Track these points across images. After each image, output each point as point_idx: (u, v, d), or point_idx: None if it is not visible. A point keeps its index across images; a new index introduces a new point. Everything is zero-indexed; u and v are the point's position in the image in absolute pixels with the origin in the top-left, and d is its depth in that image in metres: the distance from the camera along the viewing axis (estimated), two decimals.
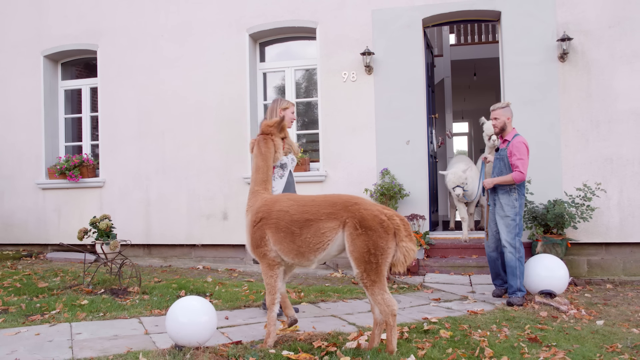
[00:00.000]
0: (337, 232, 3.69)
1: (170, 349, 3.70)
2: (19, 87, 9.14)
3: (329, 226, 3.70)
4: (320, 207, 3.78)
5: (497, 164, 5.58)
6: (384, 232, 3.58)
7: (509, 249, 5.40)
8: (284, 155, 4.90)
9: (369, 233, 3.56)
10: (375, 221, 3.59)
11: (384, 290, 3.61)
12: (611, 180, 6.94)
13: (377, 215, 3.61)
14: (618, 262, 7.00)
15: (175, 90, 8.43)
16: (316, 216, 3.75)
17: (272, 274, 3.97)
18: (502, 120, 5.55)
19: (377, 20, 7.70)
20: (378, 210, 3.66)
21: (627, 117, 6.92)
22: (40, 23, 9.08)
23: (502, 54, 7.47)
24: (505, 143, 5.56)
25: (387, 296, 3.62)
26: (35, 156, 9.03)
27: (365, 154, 7.67)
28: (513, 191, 5.46)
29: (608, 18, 7.02)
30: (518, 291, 5.35)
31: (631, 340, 4.08)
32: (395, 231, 3.61)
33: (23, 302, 5.27)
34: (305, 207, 3.84)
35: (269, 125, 4.29)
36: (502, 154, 5.53)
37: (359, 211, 3.63)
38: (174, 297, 5.55)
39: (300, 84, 8.70)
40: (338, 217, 3.68)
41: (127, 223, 8.33)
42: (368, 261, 3.56)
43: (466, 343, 4.00)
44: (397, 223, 3.64)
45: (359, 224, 3.59)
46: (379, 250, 3.56)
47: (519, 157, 5.35)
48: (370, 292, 3.62)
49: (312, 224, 3.75)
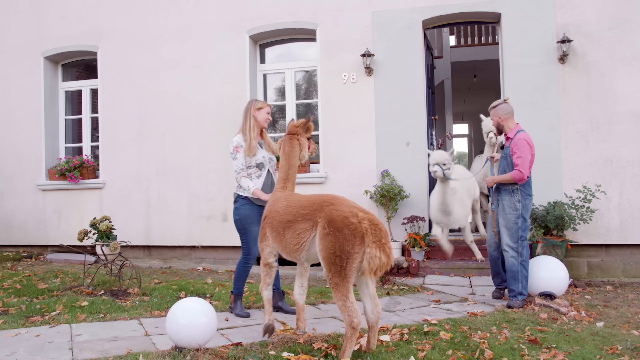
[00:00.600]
0: (311, 232, 3.71)
1: (170, 350, 3.70)
2: (19, 88, 9.14)
3: (303, 227, 3.75)
4: (299, 208, 3.83)
5: (502, 163, 5.41)
6: (350, 235, 3.45)
7: (510, 252, 5.24)
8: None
9: (336, 234, 3.48)
10: (343, 223, 3.49)
11: (347, 297, 3.46)
12: (611, 182, 6.94)
13: (347, 217, 3.50)
14: (618, 264, 7.00)
15: (175, 92, 8.43)
16: (295, 217, 3.82)
17: (264, 270, 4.31)
18: (495, 121, 5.43)
19: (377, 21, 7.71)
20: (350, 212, 3.54)
21: (627, 118, 6.93)
22: (41, 24, 9.09)
23: (502, 55, 7.48)
24: (509, 141, 5.35)
25: (349, 304, 3.46)
26: (35, 157, 9.03)
27: (366, 155, 7.68)
28: (515, 191, 5.24)
29: (608, 20, 7.03)
30: (519, 295, 5.22)
31: (631, 342, 4.08)
32: (364, 235, 3.46)
33: (23, 304, 5.27)
34: (290, 207, 3.91)
35: (296, 126, 4.44)
36: (506, 152, 5.34)
37: (330, 211, 3.58)
38: (174, 299, 5.55)
39: (301, 85, 8.71)
40: (312, 217, 3.70)
41: (127, 224, 8.33)
42: (333, 263, 3.47)
43: (466, 345, 4.00)
44: (365, 227, 3.47)
45: (327, 224, 3.54)
46: (344, 253, 3.44)
47: (519, 155, 5.14)
48: (334, 296, 3.51)
49: (291, 225, 3.83)
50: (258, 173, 5.01)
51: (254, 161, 4.99)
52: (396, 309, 5.32)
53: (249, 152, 4.94)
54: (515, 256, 5.21)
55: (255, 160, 4.99)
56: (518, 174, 5.14)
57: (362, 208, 3.68)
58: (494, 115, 5.41)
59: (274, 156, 5.18)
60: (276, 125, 8.86)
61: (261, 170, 5.03)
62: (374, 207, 7.53)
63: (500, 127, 5.40)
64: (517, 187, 5.24)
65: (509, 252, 5.25)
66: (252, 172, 5.00)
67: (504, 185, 5.31)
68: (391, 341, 4.04)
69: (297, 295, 4.33)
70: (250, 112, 5.07)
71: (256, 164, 5.00)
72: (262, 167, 5.03)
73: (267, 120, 5.15)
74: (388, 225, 7.39)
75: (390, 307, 5.37)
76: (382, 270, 3.47)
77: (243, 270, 5.05)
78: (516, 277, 5.23)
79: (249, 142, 4.95)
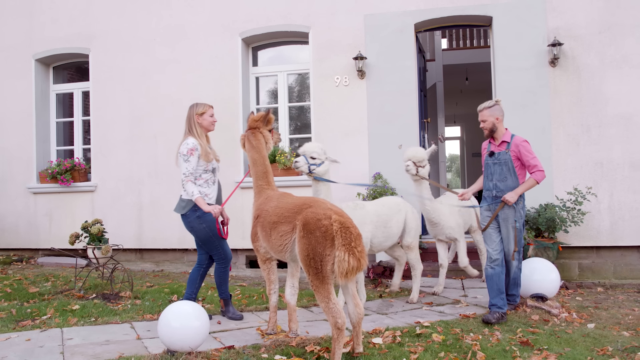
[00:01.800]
0: (291, 235, 3.79)
1: (162, 354, 3.69)
2: (10, 90, 9.09)
3: (284, 229, 3.83)
4: (284, 210, 3.89)
5: (498, 170, 4.96)
6: (322, 237, 3.47)
7: (515, 264, 5.06)
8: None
9: (309, 237, 3.52)
10: (315, 225, 3.51)
11: (329, 299, 3.48)
12: (602, 184, 7.00)
13: (320, 220, 3.52)
14: (609, 266, 7.04)
15: (167, 94, 8.41)
16: (279, 219, 3.89)
17: (264, 267, 4.34)
18: (490, 122, 4.97)
19: (370, 25, 7.74)
20: (323, 214, 3.54)
21: (617, 121, 6.99)
22: (32, 26, 9.04)
23: (494, 58, 7.52)
24: (504, 145, 4.97)
25: (331, 305, 3.47)
26: (26, 160, 8.98)
27: (358, 158, 7.69)
28: (519, 198, 4.95)
29: (598, 23, 7.09)
30: (518, 297, 5.23)
31: (622, 343, 4.11)
32: (334, 238, 3.46)
33: (14, 308, 5.24)
34: (277, 209, 3.98)
35: (255, 120, 4.56)
36: (503, 157, 4.94)
37: (306, 214, 3.63)
38: (166, 302, 5.53)
39: (293, 88, 8.71)
40: (292, 220, 3.77)
41: (119, 227, 8.30)
42: (310, 265, 3.51)
43: (458, 347, 4.01)
44: (336, 229, 3.47)
45: (303, 227, 3.59)
46: (318, 255, 3.47)
47: (533, 156, 4.84)
48: (317, 298, 3.55)
49: (276, 227, 3.91)
50: (213, 178, 4.86)
51: (210, 166, 4.81)
52: (389, 311, 5.33)
53: (207, 157, 4.74)
54: (518, 265, 5.09)
55: (211, 165, 4.81)
56: (541, 174, 4.82)
57: (340, 210, 3.66)
58: (489, 116, 4.96)
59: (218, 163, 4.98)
60: None
61: (214, 175, 4.88)
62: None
63: (495, 129, 4.97)
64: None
65: (514, 261, 5.04)
66: (207, 177, 4.81)
67: (504, 193, 4.92)
68: (384, 344, 4.05)
69: (289, 296, 4.34)
70: (193, 118, 4.83)
71: (212, 168, 4.84)
72: (215, 171, 4.89)
73: (213, 123, 4.93)
74: None
75: (383, 310, 5.38)
76: (352, 273, 3.43)
77: (223, 274, 4.94)
78: (517, 283, 5.18)
79: (204, 147, 4.76)
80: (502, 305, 4.86)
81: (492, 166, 5.02)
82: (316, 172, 4.81)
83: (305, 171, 4.83)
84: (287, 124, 8.41)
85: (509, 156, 4.90)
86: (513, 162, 4.89)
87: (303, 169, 4.79)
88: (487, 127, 5.00)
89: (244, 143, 4.60)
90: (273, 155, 7.92)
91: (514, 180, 4.91)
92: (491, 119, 4.96)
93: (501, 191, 4.94)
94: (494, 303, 4.87)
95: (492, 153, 5.02)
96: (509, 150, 4.91)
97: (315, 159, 4.83)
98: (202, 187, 4.79)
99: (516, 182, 4.91)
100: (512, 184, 4.92)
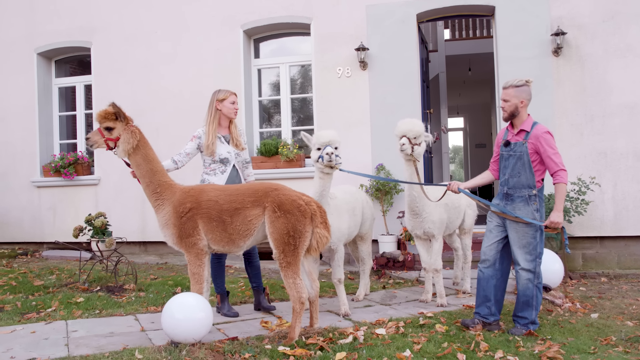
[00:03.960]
0: (261, 218, 3.94)
1: (166, 345, 3.70)
2: (13, 84, 9.09)
3: (254, 213, 3.94)
4: (245, 196, 4.00)
5: (512, 163, 4.16)
6: (301, 215, 3.82)
7: (525, 275, 4.14)
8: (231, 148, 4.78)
9: (288, 216, 3.81)
10: (293, 205, 3.84)
11: (297, 275, 3.83)
12: (605, 174, 6.97)
13: (295, 200, 3.87)
14: (612, 256, 7.03)
15: (169, 87, 8.41)
16: (243, 204, 3.97)
17: (199, 263, 4.07)
18: (513, 104, 4.14)
19: (371, 15, 7.70)
20: (296, 196, 3.92)
21: (621, 111, 6.95)
22: (33, 20, 9.03)
23: (497, 48, 7.48)
24: (522, 135, 4.14)
25: (298, 281, 3.83)
26: (29, 154, 9.00)
27: (360, 149, 7.67)
28: (533, 199, 4.11)
29: (602, 12, 7.04)
30: (531, 324, 4.15)
31: (625, 333, 4.11)
32: (312, 216, 3.87)
33: (19, 301, 5.27)
34: (232, 196, 4.03)
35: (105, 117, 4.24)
36: (519, 150, 4.13)
37: (277, 196, 3.90)
38: (170, 294, 5.54)
39: (295, 80, 8.69)
40: (260, 203, 3.93)
41: (123, 220, 8.31)
42: (287, 242, 3.79)
43: (462, 337, 4.02)
44: (314, 209, 3.90)
45: (278, 208, 3.84)
46: (297, 233, 3.80)
47: (555, 151, 4.05)
48: (284, 274, 3.84)
49: (240, 212, 3.96)
50: (222, 168, 4.79)
51: (217, 156, 4.75)
52: (392, 302, 5.34)
53: (207, 149, 4.71)
54: (532, 278, 4.13)
55: (219, 156, 4.75)
56: (565, 175, 4.01)
57: (300, 192, 4.01)
58: (514, 97, 4.13)
59: (242, 151, 4.91)
60: (272, 120, 8.85)
61: (226, 165, 4.79)
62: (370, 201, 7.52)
63: (516, 113, 4.16)
64: (535, 192, 4.13)
65: (524, 274, 4.15)
66: (215, 167, 4.79)
67: (517, 190, 4.16)
68: (387, 334, 4.05)
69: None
70: (213, 104, 4.82)
71: (220, 159, 4.77)
72: (226, 162, 4.79)
73: (235, 111, 4.85)
74: (383, 218, 7.40)
75: (386, 301, 5.39)
76: (323, 247, 3.94)
77: (218, 267, 4.84)
78: (530, 304, 4.15)
79: (208, 136, 4.71)
80: (488, 315, 4.24)
81: (507, 158, 4.22)
82: (340, 164, 4.53)
83: (408, 153, 4.62)
84: (290, 116, 8.39)
85: (526, 148, 4.09)
86: (530, 155, 4.08)
87: (405, 143, 4.54)
88: (507, 110, 4.17)
89: (137, 139, 4.27)
90: (276, 147, 7.91)
91: (529, 177, 4.10)
92: (515, 100, 4.13)
93: (512, 188, 4.16)
94: (478, 312, 4.29)
95: (508, 143, 4.22)
96: (527, 142, 4.09)
97: (338, 148, 4.51)
98: (209, 175, 4.80)
99: (531, 180, 4.10)
100: (526, 181, 4.11)
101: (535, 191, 4.11)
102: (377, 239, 7.34)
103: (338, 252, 4.84)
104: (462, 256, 5.84)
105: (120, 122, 4.20)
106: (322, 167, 4.49)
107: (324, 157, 4.45)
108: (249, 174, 5.07)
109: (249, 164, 5.07)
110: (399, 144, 4.74)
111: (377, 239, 7.30)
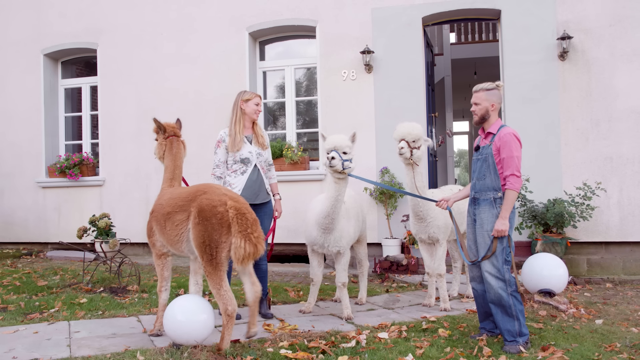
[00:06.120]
0: (187, 223, 3.72)
1: (168, 347, 3.70)
2: (19, 85, 9.14)
3: (179, 218, 3.76)
4: (178, 200, 3.84)
5: (478, 166, 4.08)
6: (217, 224, 3.50)
7: (495, 282, 3.92)
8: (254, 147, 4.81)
9: (205, 224, 3.54)
10: (211, 212, 3.54)
11: (220, 285, 3.55)
12: (611, 179, 6.93)
13: (215, 206, 3.54)
14: (618, 261, 6.98)
15: (175, 88, 8.42)
16: (173, 209, 3.84)
17: (159, 263, 4.18)
18: (483, 107, 4.06)
19: (377, 18, 7.69)
20: (219, 200, 3.57)
21: (628, 115, 6.91)
22: (40, 21, 9.08)
23: (502, 52, 7.46)
24: (489, 137, 4.06)
25: (223, 292, 3.54)
26: (35, 154, 9.03)
27: (365, 153, 7.65)
28: (498, 202, 3.96)
29: (608, 16, 7.01)
30: (519, 336, 3.88)
31: (630, 340, 4.07)
32: (230, 225, 3.51)
33: (22, 301, 5.28)
34: (171, 199, 3.93)
35: (173, 127, 4.57)
36: (485, 152, 4.03)
37: (201, 201, 3.63)
38: (172, 296, 5.53)
39: (301, 82, 8.69)
40: (187, 208, 3.73)
41: (127, 221, 8.32)
42: (205, 252, 3.55)
43: (464, 342, 4.00)
44: (231, 216, 3.51)
45: (198, 214, 3.59)
46: (213, 242, 3.51)
47: (511, 154, 3.89)
48: (209, 284, 3.60)
49: (170, 217, 3.84)
50: (243, 169, 4.80)
51: (238, 156, 4.77)
52: (395, 306, 5.32)
53: (233, 147, 4.75)
54: (503, 286, 3.91)
55: (239, 155, 4.77)
56: (517, 181, 3.89)
57: (235, 196, 3.70)
58: (484, 100, 4.06)
59: (264, 151, 4.93)
60: (277, 122, 8.85)
61: (246, 165, 4.80)
62: (374, 204, 7.52)
63: (487, 116, 4.07)
64: (500, 195, 3.96)
65: (493, 281, 3.93)
66: (236, 167, 4.80)
67: (483, 193, 4.02)
68: (390, 338, 4.04)
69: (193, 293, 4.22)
70: (237, 104, 4.86)
71: (241, 159, 4.78)
72: (247, 162, 4.80)
73: (257, 112, 4.90)
74: (387, 222, 7.38)
75: (389, 305, 5.37)
76: (248, 259, 3.48)
77: None
78: (510, 313, 3.91)
79: (234, 136, 4.76)
80: (493, 328, 4.16)
81: (475, 162, 4.15)
82: (350, 169, 4.47)
83: (408, 157, 4.59)
84: (295, 119, 8.39)
85: (491, 150, 3.99)
86: (494, 157, 3.97)
87: (338, 167, 4.37)
88: (478, 113, 4.09)
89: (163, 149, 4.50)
90: (280, 150, 7.91)
91: (494, 180, 3.96)
92: (486, 103, 4.06)
93: (478, 192, 4.05)
94: (483, 326, 4.20)
95: (478, 147, 4.15)
96: (492, 143, 4.00)
97: (347, 153, 4.42)
98: (230, 177, 4.81)
99: (496, 182, 3.95)
100: (491, 184, 3.97)
101: (500, 194, 3.95)
102: (380, 243, 7.33)
103: (345, 255, 4.84)
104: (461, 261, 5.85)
105: (160, 133, 4.58)
106: (331, 172, 4.50)
107: (326, 162, 4.47)
108: (271, 176, 5.06)
109: (271, 167, 5.08)
110: (398, 147, 4.74)
111: (381, 243, 7.28)
